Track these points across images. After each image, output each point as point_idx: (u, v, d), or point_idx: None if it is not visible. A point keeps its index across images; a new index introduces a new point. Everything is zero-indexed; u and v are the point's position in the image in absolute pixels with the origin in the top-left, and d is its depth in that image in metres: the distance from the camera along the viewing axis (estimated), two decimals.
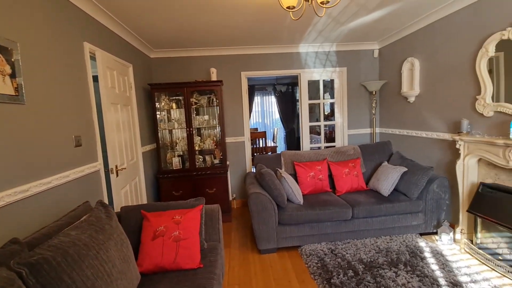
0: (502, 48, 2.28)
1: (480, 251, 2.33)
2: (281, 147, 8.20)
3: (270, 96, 8.12)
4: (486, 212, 2.27)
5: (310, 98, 4.35)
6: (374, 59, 4.19)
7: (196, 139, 3.72)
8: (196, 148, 3.68)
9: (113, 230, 1.38)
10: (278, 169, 3.11)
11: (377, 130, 4.24)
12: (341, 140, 4.33)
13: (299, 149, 4.39)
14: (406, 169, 2.94)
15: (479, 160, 2.51)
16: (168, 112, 3.87)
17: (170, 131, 3.90)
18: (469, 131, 2.58)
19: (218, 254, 1.88)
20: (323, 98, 4.44)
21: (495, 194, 2.26)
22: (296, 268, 2.44)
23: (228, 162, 4.07)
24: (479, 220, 2.40)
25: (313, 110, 6.26)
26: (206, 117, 3.80)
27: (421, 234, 2.88)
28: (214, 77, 3.62)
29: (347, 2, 2.54)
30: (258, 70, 4.08)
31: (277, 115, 8.10)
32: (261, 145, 5.84)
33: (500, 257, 2.20)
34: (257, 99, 8.13)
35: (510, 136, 2.13)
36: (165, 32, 3.09)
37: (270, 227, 2.65)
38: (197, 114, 3.89)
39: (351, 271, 2.26)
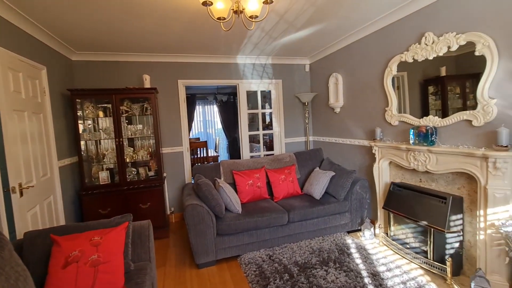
0: (405, 68, 2.71)
1: (394, 242, 2.67)
2: (223, 156, 8.16)
3: (212, 106, 8.07)
4: (396, 207, 2.63)
5: (252, 108, 4.47)
6: (306, 73, 4.55)
7: (128, 150, 3.43)
8: (128, 160, 3.38)
9: (4, 262, 1.14)
10: (217, 178, 3.07)
11: (311, 138, 4.58)
12: (279, 148, 4.53)
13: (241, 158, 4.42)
14: (334, 173, 3.23)
15: (390, 162, 2.91)
16: (95, 121, 3.49)
17: (97, 142, 3.50)
18: (381, 138, 2.98)
19: (146, 274, 1.73)
20: (263, 108, 4.61)
21: (402, 192, 2.64)
22: (235, 279, 2.41)
23: (165, 174, 3.85)
24: (391, 215, 2.76)
25: (255, 120, 6.44)
26: (140, 126, 3.55)
27: (349, 232, 3.17)
28: (147, 84, 3.42)
29: (277, 19, 2.71)
30: (196, 79, 4.01)
31: (219, 125, 8.08)
32: (202, 155, 5.71)
33: (408, 246, 2.56)
34: (198, 108, 7.98)
35: (410, 142, 2.53)
36: (90, 33, 2.81)
37: (208, 239, 2.57)
38: (129, 123, 3.61)
39: (287, 274, 2.34)
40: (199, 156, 5.78)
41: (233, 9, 1.91)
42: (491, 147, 1.94)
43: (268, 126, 5.85)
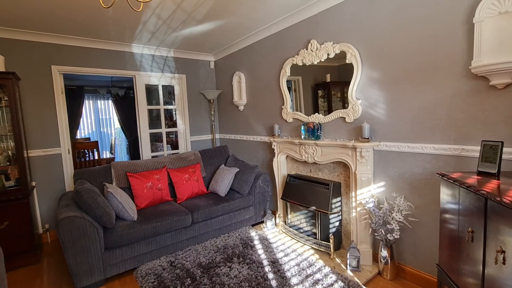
0: (300, 73, 2.97)
1: (290, 229, 2.92)
2: (123, 158, 7.23)
3: (106, 101, 7.00)
4: (291, 197, 2.88)
5: (156, 104, 4.07)
6: (211, 70, 4.48)
7: None
8: None
9: None
10: (106, 183, 2.63)
11: (217, 136, 4.55)
12: (184, 147, 4.30)
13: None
14: (238, 169, 3.28)
15: (287, 156, 3.17)
16: None
17: None
18: (279, 134, 3.21)
19: None
20: (167, 104, 4.29)
21: (297, 182, 2.91)
22: None
23: (34, 183, 3.05)
24: (288, 204, 3.02)
25: (159, 117, 5.95)
26: None
27: (253, 225, 3.29)
28: (0, 67, 2.60)
29: (174, 7, 2.53)
30: (78, 66, 3.35)
31: (118, 123, 7.09)
32: (94, 157, 4.86)
33: (302, 230, 2.85)
34: (88, 104, 6.78)
35: (302, 137, 2.82)
36: None
37: (92, 256, 2.16)
38: None
39: (189, 279, 2.21)
40: (89, 159, 4.89)
41: None
42: (358, 139, 2.35)
43: (175, 123, 5.50)
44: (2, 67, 2.62)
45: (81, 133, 6.72)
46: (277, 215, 3.24)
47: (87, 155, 4.80)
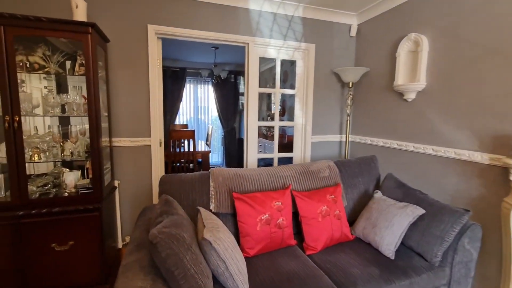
0: None
1: None
2: (217, 150, 6.62)
3: (206, 85, 6.45)
4: None
5: (264, 86, 2.93)
6: (350, 39, 3.00)
7: (36, 140, 1.86)
8: (36, 158, 1.81)
9: None
10: (200, 209, 1.54)
11: (351, 138, 3.07)
12: (301, 149, 3.01)
13: (241, 156, 2.91)
14: (423, 211, 1.74)
15: None
16: None
17: None
18: None
19: None
20: (283, 88, 3.08)
21: None
22: None
23: (117, 182, 2.31)
24: None
25: (263, 105, 4.91)
26: (69, 96, 1.96)
27: None
28: (79, 16, 1.80)
29: None
30: (180, 27, 2.42)
31: (215, 112, 6.49)
32: (188, 150, 4.16)
33: None
34: (189, 88, 6.36)
35: None
36: None
37: None
38: (61, 89, 2.03)
39: None
40: (184, 150, 4.21)
41: None
42: None
43: (282, 115, 4.31)
44: (83, 15, 1.81)
45: (179, 119, 6.41)
46: None
47: (183, 146, 4.13)
